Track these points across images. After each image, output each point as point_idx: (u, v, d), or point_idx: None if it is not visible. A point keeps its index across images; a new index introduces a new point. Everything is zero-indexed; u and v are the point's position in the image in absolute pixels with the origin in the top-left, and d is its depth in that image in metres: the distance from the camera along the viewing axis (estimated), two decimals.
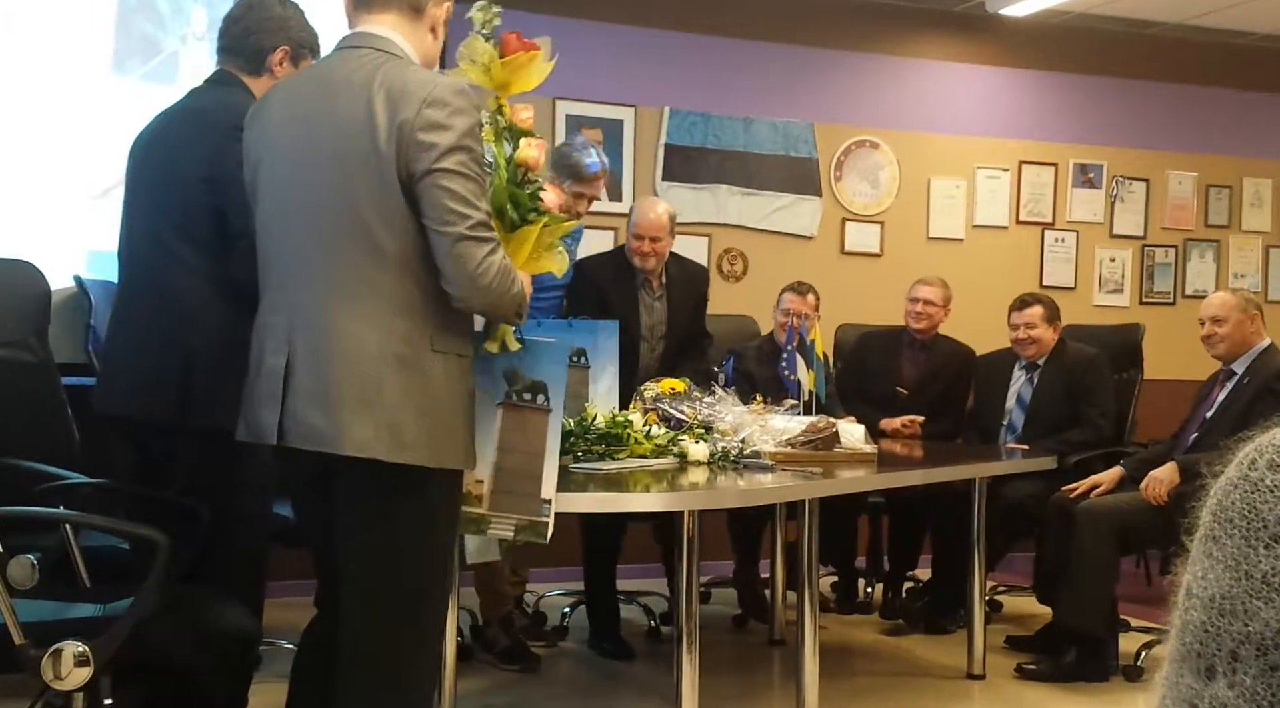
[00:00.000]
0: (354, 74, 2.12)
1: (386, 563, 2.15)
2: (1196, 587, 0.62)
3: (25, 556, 2.42)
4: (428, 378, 2.09)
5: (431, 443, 2.09)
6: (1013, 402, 4.76)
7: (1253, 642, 0.58)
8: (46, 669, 2.29)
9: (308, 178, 2.13)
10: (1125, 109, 6.53)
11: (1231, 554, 0.60)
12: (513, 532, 2.39)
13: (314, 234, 2.12)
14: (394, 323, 2.07)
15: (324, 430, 2.06)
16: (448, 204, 2.05)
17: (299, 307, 2.12)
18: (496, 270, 2.10)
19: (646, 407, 3.44)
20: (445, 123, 2.06)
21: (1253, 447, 0.63)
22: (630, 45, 5.71)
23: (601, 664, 4.28)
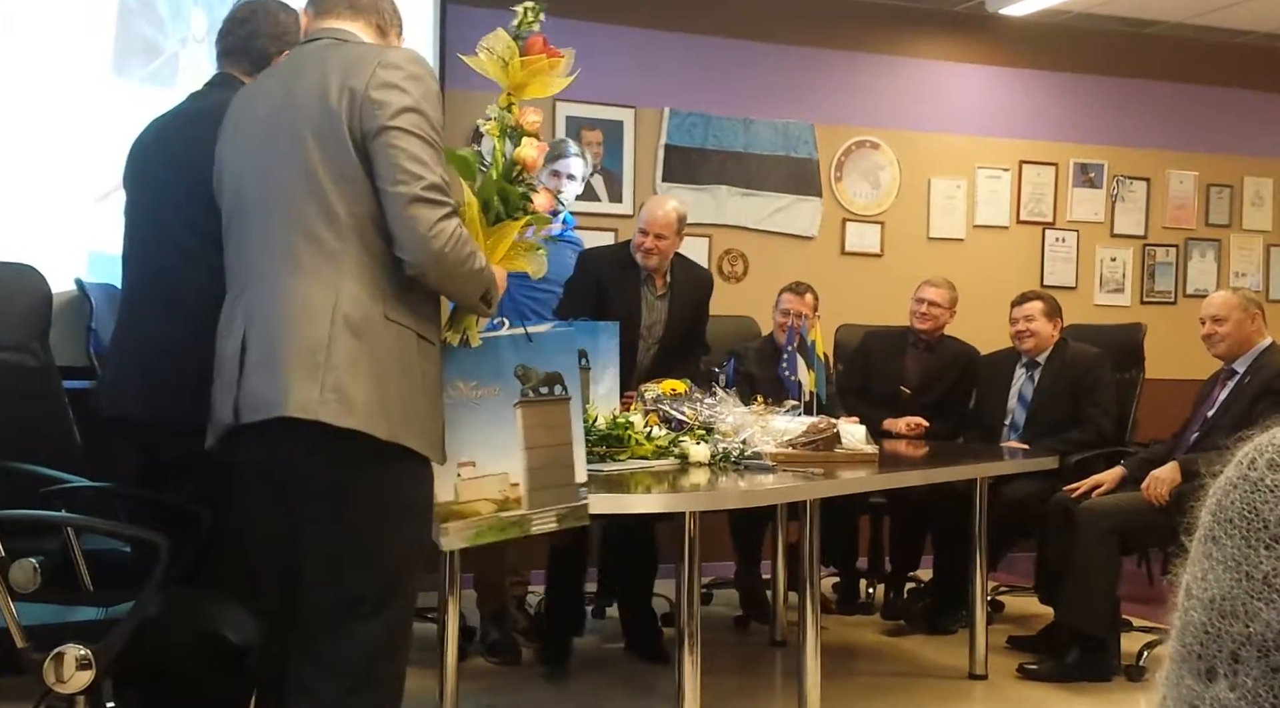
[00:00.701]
0: (310, 56, 2.13)
1: (347, 551, 2.05)
2: (1196, 588, 0.62)
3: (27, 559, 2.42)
4: (380, 346, 2.01)
5: (384, 413, 1.98)
6: (1014, 401, 4.76)
7: (1254, 643, 0.58)
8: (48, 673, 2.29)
9: (267, 158, 2.10)
10: (1126, 108, 6.53)
11: (1231, 555, 0.60)
12: (556, 522, 2.41)
13: (271, 208, 2.07)
14: (343, 284, 1.99)
15: (270, 396, 1.97)
16: (401, 162, 1.99)
17: (252, 280, 2.07)
18: (450, 236, 2.01)
19: (647, 408, 3.44)
20: (399, 84, 2.02)
21: (1252, 447, 0.62)
22: (630, 46, 5.71)
23: (603, 666, 4.28)
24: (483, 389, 2.34)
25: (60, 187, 4.16)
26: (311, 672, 2.08)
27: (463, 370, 2.31)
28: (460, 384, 2.30)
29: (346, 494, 2.04)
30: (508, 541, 2.47)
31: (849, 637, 4.69)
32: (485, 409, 2.32)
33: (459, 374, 2.30)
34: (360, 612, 2.06)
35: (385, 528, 2.07)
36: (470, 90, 5.25)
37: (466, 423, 2.29)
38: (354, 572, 2.05)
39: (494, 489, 2.33)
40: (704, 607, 4.68)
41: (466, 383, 2.31)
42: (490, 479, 2.33)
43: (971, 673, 4.09)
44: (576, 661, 4.28)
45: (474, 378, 2.32)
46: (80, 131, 4.16)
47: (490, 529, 2.34)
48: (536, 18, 2.41)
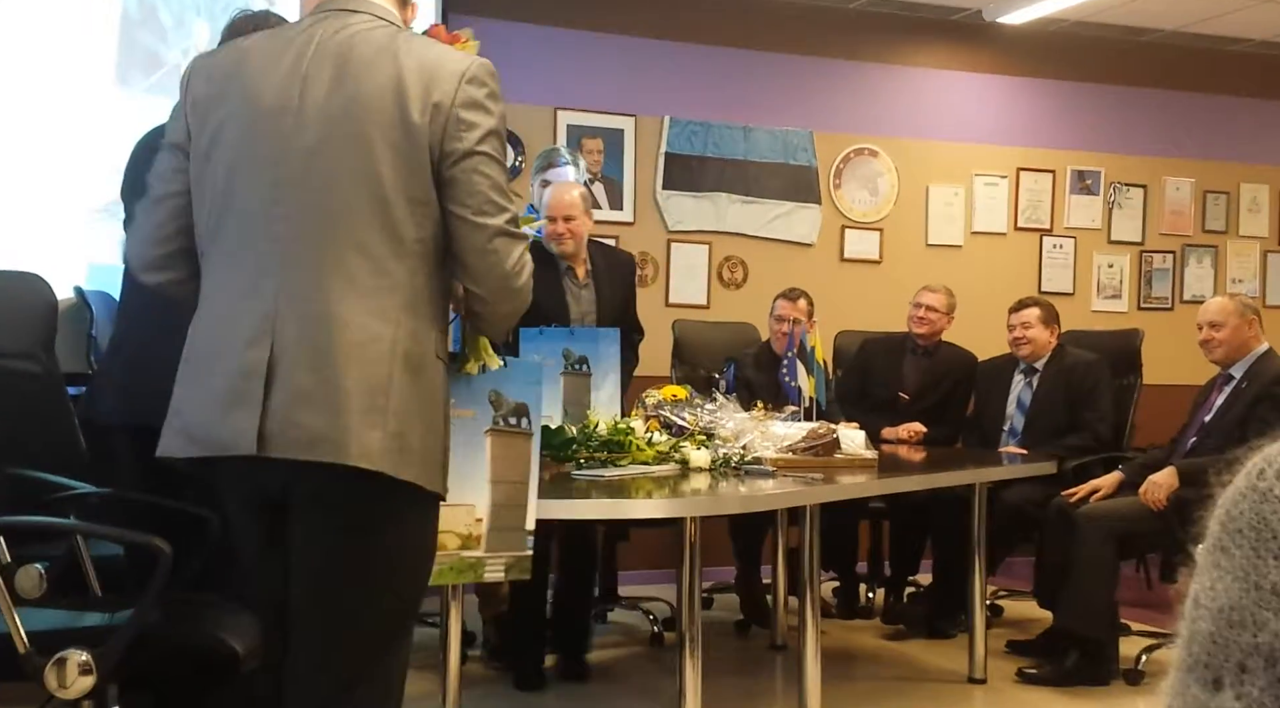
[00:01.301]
0: (367, 38, 1.86)
1: (372, 594, 1.89)
2: (1205, 597, 0.61)
3: (33, 565, 2.43)
4: (433, 386, 1.86)
5: (429, 461, 1.85)
6: (1013, 407, 4.78)
7: (1261, 653, 0.58)
8: (50, 678, 2.30)
9: (311, 144, 1.82)
10: (1122, 116, 6.55)
11: (1240, 565, 0.60)
12: (503, 573, 2.23)
13: (322, 213, 1.81)
14: (403, 318, 1.81)
15: (325, 436, 1.74)
16: (488, 193, 1.83)
17: (290, 293, 1.80)
18: (529, 273, 1.90)
19: (648, 414, 3.45)
20: (486, 104, 1.86)
21: (1261, 457, 0.62)
22: (630, 55, 5.74)
23: (604, 672, 4.29)
24: (461, 410, 2.14)
25: (61, 197, 4.18)
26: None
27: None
28: None
29: (380, 540, 1.87)
30: (465, 581, 2.28)
31: (849, 641, 4.70)
32: (460, 433, 2.11)
33: None
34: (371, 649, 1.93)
35: (412, 570, 1.95)
36: None
37: None
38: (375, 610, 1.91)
39: (461, 522, 2.17)
40: (704, 611, 4.69)
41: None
42: (460, 510, 2.16)
43: (971, 677, 4.10)
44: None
45: (453, 396, 2.11)
46: (82, 142, 4.18)
47: (450, 569, 2.18)
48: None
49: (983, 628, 4.10)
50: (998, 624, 4.83)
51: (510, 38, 5.37)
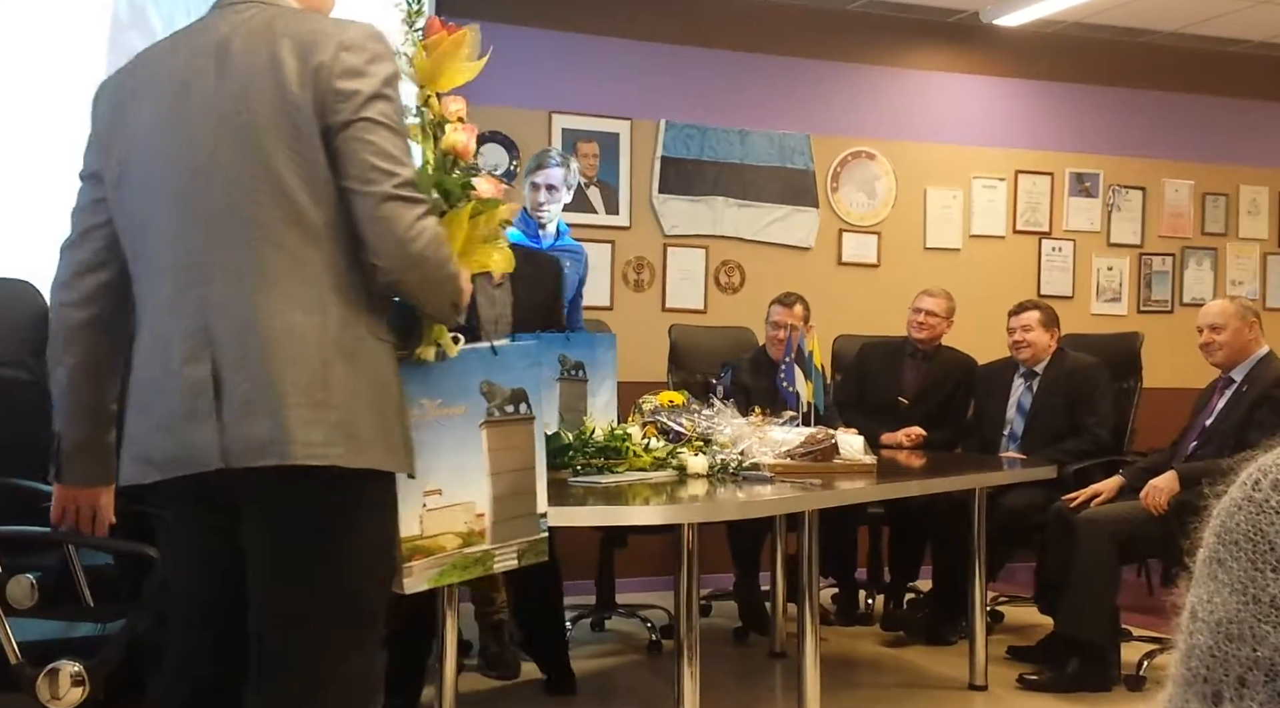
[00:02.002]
0: (243, 26, 1.83)
1: (338, 590, 1.85)
2: (1202, 610, 0.61)
3: (24, 575, 2.41)
4: (375, 368, 1.82)
5: (387, 443, 1.82)
6: (1013, 411, 4.77)
7: (1261, 667, 0.57)
8: (42, 689, 2.28)
9: (205, 150, 1.79)
10: (1121, 118, 6.54)
11: (1238, 577, 0.59)
12: (516, 560, 2.21)
13: (224, 213, 1.78)
14: (330, 306, 1.78)
15: (270, 439, 1.73)
16: (370, 159, 1.76)
17: (214, 303, 1.78)
18: (430, 237, 1.81)
19: (645, 420, 3.43)
20: (364, 69, 1.79)
21: (1256, 467, 0.62)
22: (626, 58, 5.72)
23: (603, 679, 4.27)
24: (449, 408, 2.11)
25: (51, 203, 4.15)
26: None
27: (427, 387, 2.08)
28: (425, 402, 2.07)
29: (342, 530, 1.84)
30: (473, 576, 2.22)
31: (848, 648, 4.68)
32: (451, 430, 2.09)
33: (423, 392, 2.07)
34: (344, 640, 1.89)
35: (379, 557, 1.91)
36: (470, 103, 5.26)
37: (432, 446, 2.07)
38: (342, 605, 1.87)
39: (459, 521, 2.13)
40: (703, 619, 4.66)
41: (432, 401, 2.09)
42: (456, 510, 2.12)
43: (971, 684, 4.08)
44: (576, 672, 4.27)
45: (439, 395, 2.10)
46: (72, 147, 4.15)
47: (454, 568, 2.13)
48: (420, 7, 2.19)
49: (983, 634, 4.08)
50: (998, 630, 4.82)
51: (505, 41, 5.34)
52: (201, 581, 1.96)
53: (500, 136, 5.50)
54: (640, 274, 5.76)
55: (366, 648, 1.90)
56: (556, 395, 3.37)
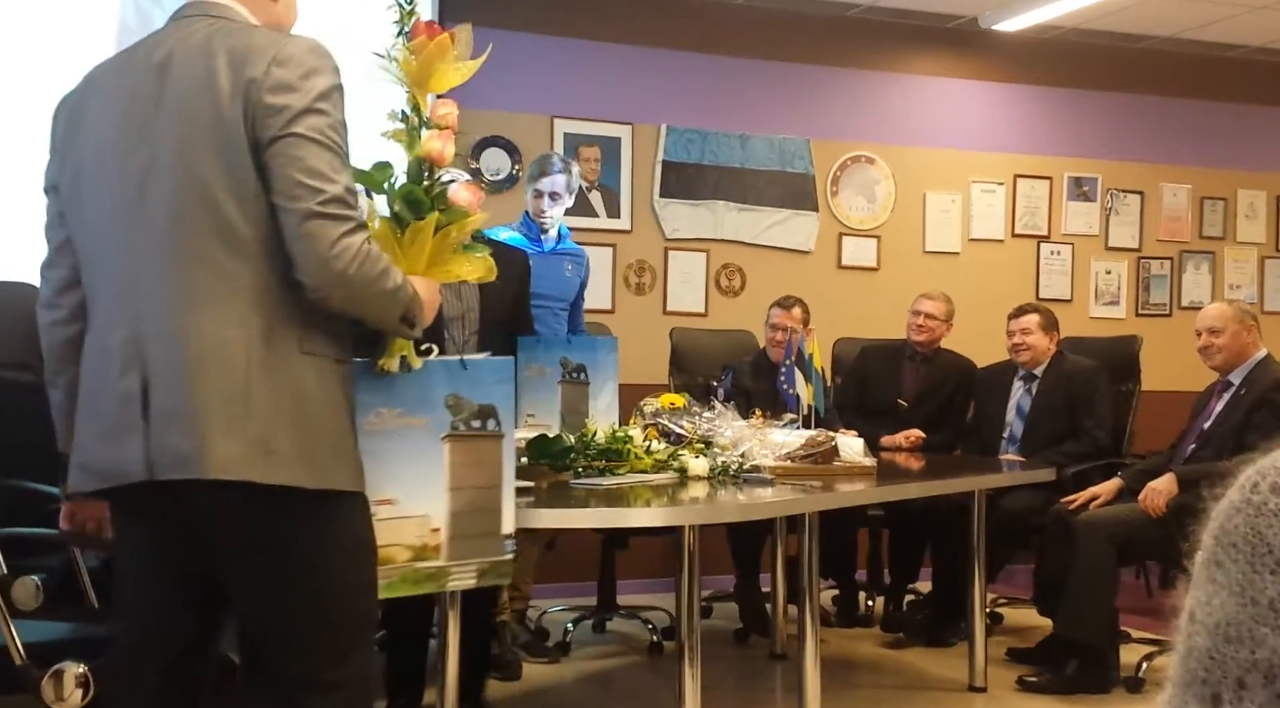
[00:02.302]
0: (185, 41, 1.83)
1: (295, 611, 1.85)
2: (1200, 612, 0.61)
3: (29, 577, 2.42)
4: (299, 384, 1.79)
5: (311, 461, 1.78)
6: (1012, 413, 4.78)
7: (1260, 669, 0.57)
8: (47, 691, 2.29)
9: (142, 163, 1.81)
10: (1119, 122, 6.56)
11: (1236, 580, 0.59)
12: (475, 579, 2.16)
13: (158, 226, 1.79)
14: (254, 319, 1.77)
15: (187, 453, 1.73)
16: (296, 176, 1.75)
17: (146, 315, 1.79)
18: (356, 254, 1.77)
19: (646, 422, 3.45)
20: (296, 84, 1.77)
21: (1254, 470, 0.62)
22: (627, 64, 5.74)
23: (604, 680, 4.28)
24: (409, 418, 2.07)
25: None
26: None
27: (388, 397, 2.06)
28: (384, 411, 2.04)
29: (281, 550, 1.83)
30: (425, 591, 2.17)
31: (848, 649, 4.69)
32: (409, 441, 2.06)
33: (383, 400, 2.05)
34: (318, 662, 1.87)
35: (332, 577, 1.87)
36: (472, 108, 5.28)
37: (388, 455, 2.04)
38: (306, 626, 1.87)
39: (412, 534, 2.08)
40: (704, 620, 4.68)
41: (391, 410, 2.06)
42: (409, 522, 2.08)
43: (971, 685, 4.09)
44: (579, 676, 4.28)
45: (399, 405, 2.07)
46: None
47: (403, 581, 2.08)
48: (414, 6, 2.14)
49: (982, 636, 4.09)
50: (997, 632, 4.83)
51: (507, 46, 5.36)
52: (157, 589, 1.97)
53: (502, 141, 5.52)
54: (641, 277, 5.77)
55: (353, 656, 1.90)
56: (558, 398, 3.39)
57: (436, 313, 2.07)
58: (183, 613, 1.96)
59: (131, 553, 2.00)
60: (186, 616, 1.96)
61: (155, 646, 1.97)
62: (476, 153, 5.47)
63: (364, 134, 2.16)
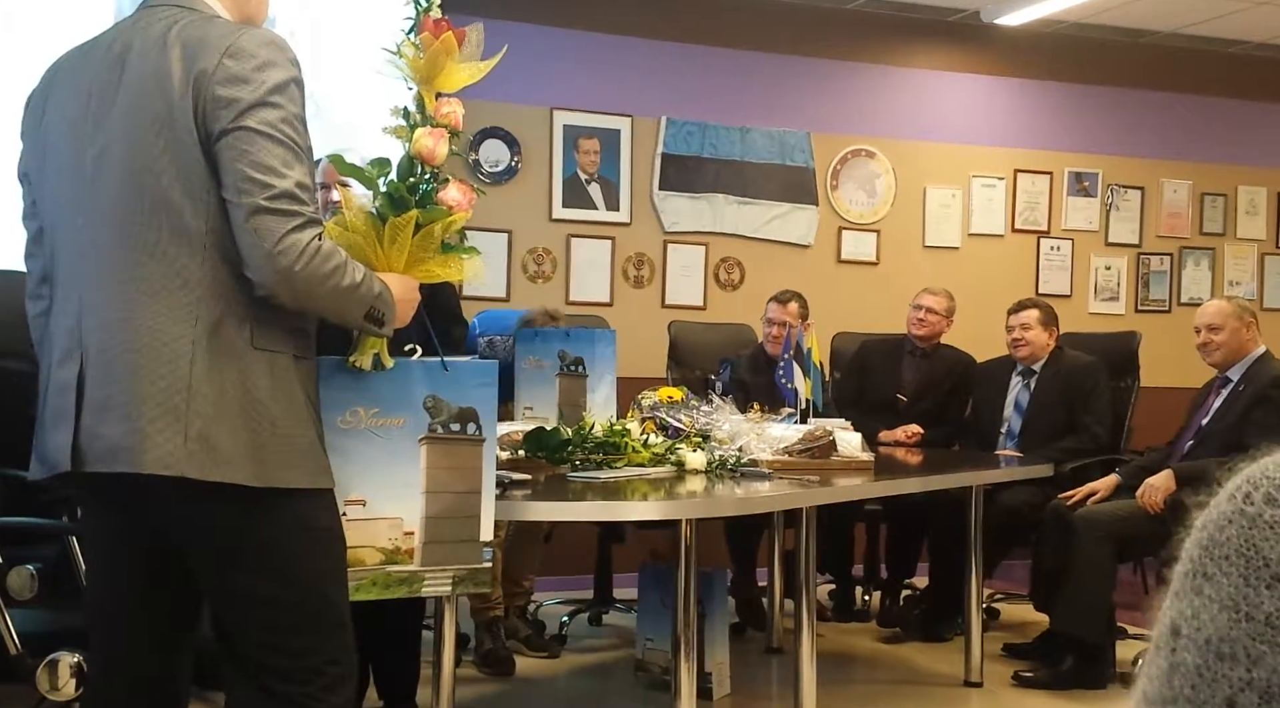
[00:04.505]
0: (145, 32, 1.82)
1: (257, 610, 1.84)
2: (1187, 627, 0.58)
3: (25, 566, 2.42)
4: (248, 379, 1.76)
5: (256, 458, 1.75)
6: (1010, 409, 4.77)
7: (1256, 688, 0.55)
8: (42, 680, 2.29)
9: (97, 153, 1.80)
10: (1120, 117, 6.55)
11: (1229, 594, 0.56)
12: (450, 587, 2.12)
13: (106, 216, 1.78)
14: (202, 314, 1.74)
15: (122, 445, 1.71)
16: (244, 170, 1.72)
17: (89, 304, 1.78)
18: (302, 251, 1.73)
19: (644, 415, 3.44)
20: (248, 76, 1.74)
21: (1244, 479, 0.59)
22: (627, 55, 5.73)
23: (600, 674, 4.28)
24: (385, 418, 2.04)
25: None
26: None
27: (365, 395, 2.03)
28: (360, 410, 2.01)
29: (247, 543, 1.81)
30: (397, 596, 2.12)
31: (845, 644, 4.69)
32: (385, 442, 2.02)
33: (360, 399, 2.02)
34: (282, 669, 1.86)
35: (296, 575, 1.85)
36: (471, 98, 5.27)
37: (361, 455, 2.01)
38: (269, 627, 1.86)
39: (383, 536, 2.04)
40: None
41: (367, 409, 2.03)
42: (380, 523, 2.04)
43: (967, 681, 4.09)
44: (575, 670, 4.28)
45: (375, 404, 2.03)
46: None
47: (372, 584, 2.04)
48: (432, 5, 2.11)
49: (979, 631, 4.09)
50: (994, 627, 4.83)
51: (507, 37, 5.32)
52: (114, 582, 1.96)
53: (501, 132, 5.50)
54: (640, 270, 5.77)
55: (321, 645, 1.88)
56: (556, 391, 3.38)
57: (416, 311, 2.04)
58: (152, 604, 1.95)
59: (97, 544, 2.01)
60: (157, 606, 1.95)
61: (127, 636, 1.96)
62: (476, 144, 5.46)
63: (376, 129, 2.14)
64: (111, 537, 1.95)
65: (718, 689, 3.89)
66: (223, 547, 1.82)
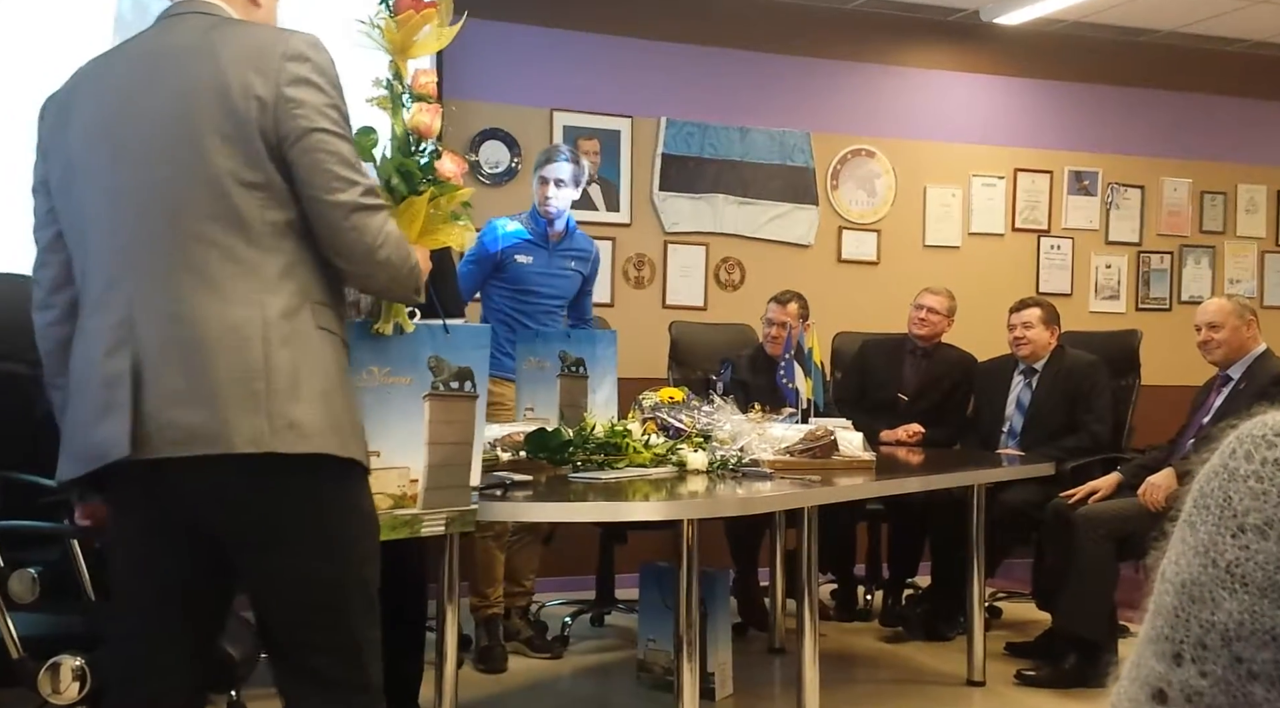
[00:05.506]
0: (183, 35, 1.88)
1: (318, 577, 1.89)
2: (1170, 571, 0.62)
3: (26, 570, 2.42)
4: (316, 360, 1.84)
5: (335, 431, 1.83)
6: (1012, 408, 4.77)
7: (1218, 631, 0.58)
8: (44, 683, 2.29)
9: (144, 155, 1.84)
10: (1120, 116, 6.55)
11: (1203, 541, 0.60)
12: (444, 526, 2.29)
13: (160, 214, 1.83)
14: (269, 299, 1.81)
15: (204, 430, 1.76)
16: (335, 169, 1.83)
17: (142, 298, 1.82)
18: (395, 241, 1.91)
19: (645, 416, 3.44)
20: (312, 78, 1.83)
21: (1234, 435, 0.64)
22: (627, 56, 5.72)
23: (602, 675, 4.28)
24: (395, 377, 2.22)
25: None
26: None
27: (376, 356, 2.20)
28: (374, 369, 2.19)
29: (319, 522, 1.88)
30: (401, 539, 2.26)
31: (847, 644, 4.69)
32: (395, 398, 2.19)
33: (373, 359, 2.19)
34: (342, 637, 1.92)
35: (355, 546, 1.94)
36: (471, 100, 5.27)
37: (375, 411, 2.17)
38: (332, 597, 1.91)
39: (393, 484, 2.23)
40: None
41: (380, 368, 2.20)
42: (392, 472, 2.22)
43: (969, 680, 4.09)
44: (577, 670, 4.27)
45: (388, 364, 2.21)
46: None
47: (382, 527, 2.17)
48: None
49: (981, 630, 4.09)
50: (996, 626, 4.83)
51: (506, 38, 5.36)
52: (150, 582, 1.97)
53: (501, 133, 5.50)
54: (641, 271, 5.77)
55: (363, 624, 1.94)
56: (557, 391, 3.38)
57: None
58: (185, 603, 1.96)
59: (132, 542, 1.99)
60: (189, 605, 1.96)
61: (156, 637, 1.96)
62: (476, 146, 5.45)
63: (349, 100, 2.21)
64: (150, 532, 1.94)
65: (720, 690, 3.89)
66: (275, 525, 1.86)
